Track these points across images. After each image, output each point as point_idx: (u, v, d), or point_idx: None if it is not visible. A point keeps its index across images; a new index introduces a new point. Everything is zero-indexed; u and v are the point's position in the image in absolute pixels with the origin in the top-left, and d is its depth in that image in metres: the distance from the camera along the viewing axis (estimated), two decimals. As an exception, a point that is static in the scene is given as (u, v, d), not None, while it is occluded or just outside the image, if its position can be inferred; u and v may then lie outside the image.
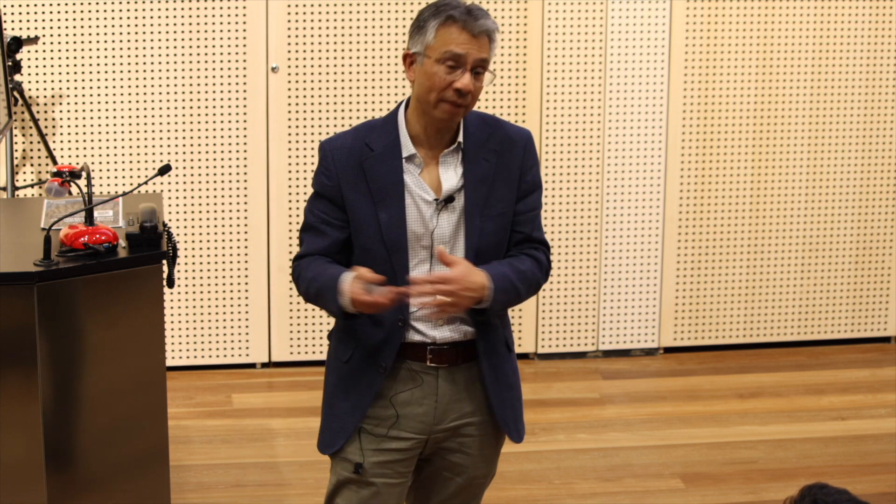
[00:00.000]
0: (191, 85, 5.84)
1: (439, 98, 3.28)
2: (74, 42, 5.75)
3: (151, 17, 5.77)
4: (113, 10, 5.74)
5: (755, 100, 6.18)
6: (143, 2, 5.75)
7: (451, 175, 3.36)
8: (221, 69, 5.84)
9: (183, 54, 5.81)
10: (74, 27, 5.74)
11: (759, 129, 6.20)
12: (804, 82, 6.20)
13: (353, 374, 3.41)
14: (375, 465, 3.42)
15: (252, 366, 6.10)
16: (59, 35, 5.74)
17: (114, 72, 5.79)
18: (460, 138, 3.37)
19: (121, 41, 5.77)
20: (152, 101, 5.83)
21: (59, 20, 5.73)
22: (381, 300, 3.20)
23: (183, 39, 5.80)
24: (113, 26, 5.75)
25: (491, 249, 3.38)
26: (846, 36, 6.19)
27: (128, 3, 5.74)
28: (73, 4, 5.72)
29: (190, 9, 5.78)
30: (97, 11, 5.74)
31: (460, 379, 3.42)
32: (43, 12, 5.72)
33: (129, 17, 5.76)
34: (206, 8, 5.78)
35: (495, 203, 3.38)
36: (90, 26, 5.74)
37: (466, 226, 3.36)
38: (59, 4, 5.71)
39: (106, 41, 5.76)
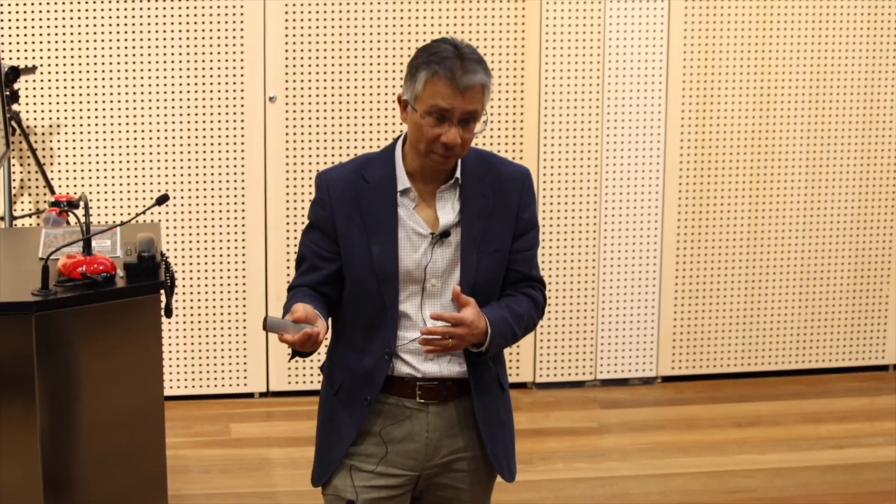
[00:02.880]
0: (188, 114, 5.85)
1: (428, 149, 3.27)
2: (72, 72, 5.76)
3: (149, 47, 5.78)
4: (110, 40, 5.75)
5: (753, 116, 6.17)
6: (141, 32, 5.76)
7: (448, 210, 3.35)
8: (219, 99, 5.85)
9: (180, 84, 5.82)
10: (72, 57, 5.75)
11: (758, 147, 6.20)
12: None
13: (341, 406, 3.40)
14: (367, 502, 3.39)
15: (250, 395, 6.09)
16: (56, 65, 5.75)
17: (111, 101, 5.80)
18: (458, 174, 3.36)
19: (118, 71, 5.78)
20: (150, 130, 5.84)
21: (56, 50, 5.74)
22: (288, 339, 3.15)
23: (180, 69, 5.81)
24: (110, 56, 5.76)
25: (486, 286, 3.37)
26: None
27: (125, 33, 5.75)
28: (71, 34, 5.73)
29: (188, 38, 5.79)
30: (95, 41, 5.75)
31: (451, 415, 3.40)
32: (41, 42, 5.73)
33: (126, 47, 5.77)
34: (203, 38, 5.80)
35: (492, 239, 3.36)
36: (88, 56, 5.75)
37: (462, 261, 3.34)
38: (56, 34, 5.73)
39: (104, 71, 5.77)
